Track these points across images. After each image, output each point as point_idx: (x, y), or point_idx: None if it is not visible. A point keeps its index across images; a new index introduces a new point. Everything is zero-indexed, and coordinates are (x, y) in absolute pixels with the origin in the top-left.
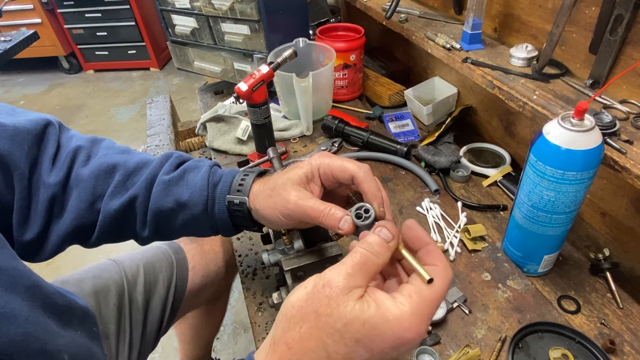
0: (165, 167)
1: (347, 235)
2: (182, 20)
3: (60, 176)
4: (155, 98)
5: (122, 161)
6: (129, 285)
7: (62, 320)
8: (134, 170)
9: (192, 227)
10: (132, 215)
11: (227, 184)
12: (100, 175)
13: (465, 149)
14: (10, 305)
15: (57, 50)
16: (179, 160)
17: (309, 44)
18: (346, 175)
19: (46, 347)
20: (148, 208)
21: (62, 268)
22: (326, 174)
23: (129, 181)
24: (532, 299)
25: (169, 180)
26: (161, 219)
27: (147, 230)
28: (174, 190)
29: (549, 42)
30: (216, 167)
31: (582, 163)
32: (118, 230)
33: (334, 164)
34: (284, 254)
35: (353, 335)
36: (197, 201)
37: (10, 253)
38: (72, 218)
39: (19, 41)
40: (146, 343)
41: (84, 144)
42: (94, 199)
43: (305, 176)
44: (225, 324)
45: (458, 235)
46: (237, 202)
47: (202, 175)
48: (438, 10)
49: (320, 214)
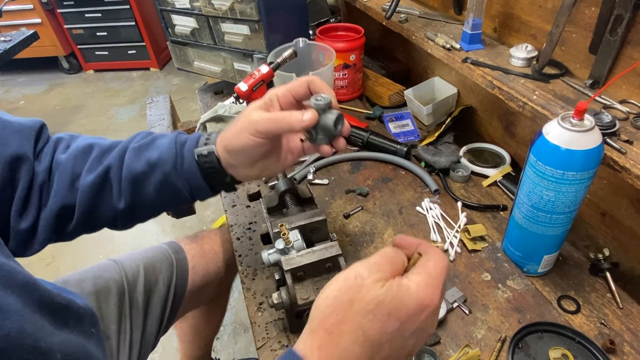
0: (136, 138)
1: (310, 124)
2: (182, 20)
3: (46, 163)
4: (155, 98)
5: (98, 142)
6: (129, 285)
7: (57, 319)
8: (108, 148)
9: (165, 191)
10: (108, 186)
11: (193, 140)
12: (78, 156)
13: (465, 149)
14: (5, 301)
15: (57, 50)
16: (148, 134)
17: (309, 44)
18: (303, 86)
19: (39, 345)
20: (122, 175)
21: (62, 268)
22: (285, 96)
23: (103, 157)
24: (532, 299)
25: (139, 146)
26: (135, 184)
27: (122, 201)
28: (144, 153)
29: (549, 42)
30: (183, 133)
31: (582, 163)
32: (95, 204)
33: (289, 84)
34: (284, 254)
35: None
36: (167, 158)
37: (5, 252)
38: (56, 200)
39: (19, 41)
40: (146, 343)
41: (64, 136)
42: (74, 178)
43: (264, 103)
44: (225, 324)
45: (458, 235)
46: (205, 153)
47: (169, 138)
48: (438, 10)
49: (284, 115)
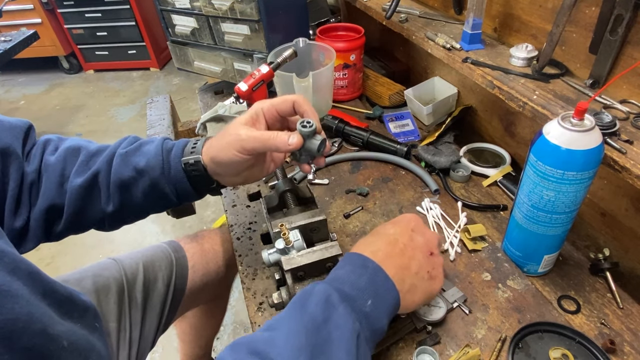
0: (122, 144)
1: (296, 148)
2: (182, 20)
3: (35, 164)
4: (155, 98)
5: (85, 145)
6: (128, 283)
7: (62, 310)
8: (96, 152)
9: (153, 196)
10: (97, 190)
11: (179, 148)
12: (67, 158)
13: (465, 149)
14: (13, 286)
15: (57, 50)
16: (135, 139)
17: (309, 44)
18: (288, 104)
19: (47, 330)
20: (110, 180)
21: (62, 268)
22: (270, 111)
23: (91, 161)
24: (532, 299)
25: (126, 153)
26: (123, 189)
27: (111, 205)
28: (132, 160)
29: (549, 42)
30: (168, 139)
31: (582, 163)
32: (84, 207)
33: (275, 101)
34: (284, 254)
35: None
36: (154, 165)
37: (7, 242)
38: (44, 200)
39: (19, 41)
40: (145, 341)
41: (52, 138)
42: (62, 180)
43: (250, 117)
44: (225, 324)
45: (458, 235)
46: (192, 162)
47: (156, 145)
48: (438, 10)
49: (270, 137)
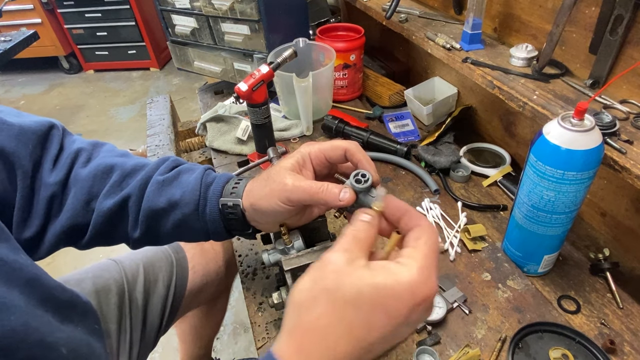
0: (160, 169)
1: (347, 205)
2: (182, 20)
3: (60, 176)
4: (155, 98)
5: (120, 163)
6: (128, 284)
7: (62, 315)
8: (130, 172)
9: (182, 229)
10: (125, 215)
11: (219, 185)
12: (98, 175)
13: (465, 149)
14: (9, 297)
15: (57, 50)
16: (175, 164)
17: (309, 44)
18: (339, 152)
19: (45, 339)
20: (141, 207)
21: (62, 268)
22: (318, 157)
23: (124, 182)
24: (532, 299)
25: (163, 180)
26: (152, 219)
27: (137, 231)
28: (167, 190)
29: (549, 42)
30: (210, 170)
31: (582, 163)
32: (110, 230)
33: (324, 146)
34: (284, 254)
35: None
36: (189, 200)
37: (12, 246)
38: (68, 217)
39: (19, 41)
40: (146, 342)
41: (85, 147)
42: (90, 198)
43: (297, 163)
44: (225, 324)
45: (458, 235)
46: (230, 205)
47: (195, 176)
48: (438, 10)
49: (319, 190)
